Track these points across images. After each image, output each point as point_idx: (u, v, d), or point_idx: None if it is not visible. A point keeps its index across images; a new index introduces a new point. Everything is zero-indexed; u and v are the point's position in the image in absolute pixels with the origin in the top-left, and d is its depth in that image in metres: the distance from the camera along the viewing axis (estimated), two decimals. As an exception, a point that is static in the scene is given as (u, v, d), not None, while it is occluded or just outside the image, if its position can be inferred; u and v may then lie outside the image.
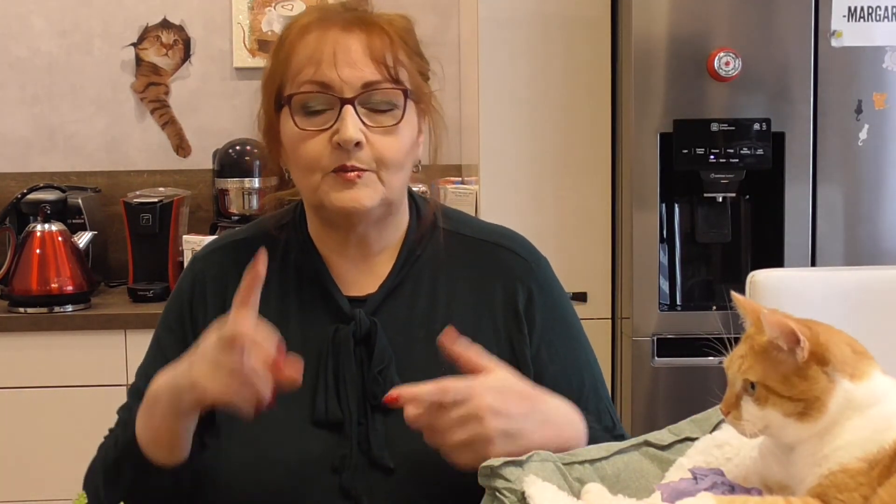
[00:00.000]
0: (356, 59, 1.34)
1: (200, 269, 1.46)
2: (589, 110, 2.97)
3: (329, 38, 1.35)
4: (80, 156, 3.54)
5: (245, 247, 1.43)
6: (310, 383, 1.34)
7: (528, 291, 1.43)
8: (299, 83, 1.35)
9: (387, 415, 1.34)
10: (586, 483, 1.14)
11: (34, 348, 2.93)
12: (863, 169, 2.79)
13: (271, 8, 3.52)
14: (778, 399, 1.01)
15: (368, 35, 1.35)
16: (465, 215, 1.54)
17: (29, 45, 3.52)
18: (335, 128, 1.33)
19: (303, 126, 1.35)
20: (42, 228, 3.02)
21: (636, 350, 2.80)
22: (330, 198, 1.35)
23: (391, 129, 1.36)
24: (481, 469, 1.14)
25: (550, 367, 1.42)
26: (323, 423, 1.34)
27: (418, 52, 1.42)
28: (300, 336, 1.38)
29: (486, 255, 1.46)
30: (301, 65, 1.35)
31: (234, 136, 3.39)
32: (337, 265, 1.43)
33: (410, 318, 1.41)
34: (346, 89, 1.33)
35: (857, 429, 1.00)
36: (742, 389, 1.03)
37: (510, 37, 2.95)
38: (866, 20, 2.75)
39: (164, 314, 1.48)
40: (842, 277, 1.83)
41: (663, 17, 2.76)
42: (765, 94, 2.76)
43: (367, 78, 1.34)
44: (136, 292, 3.10)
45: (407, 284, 1.42)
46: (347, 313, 1.39)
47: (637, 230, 2.80)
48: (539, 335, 1.42)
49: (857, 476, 0.98)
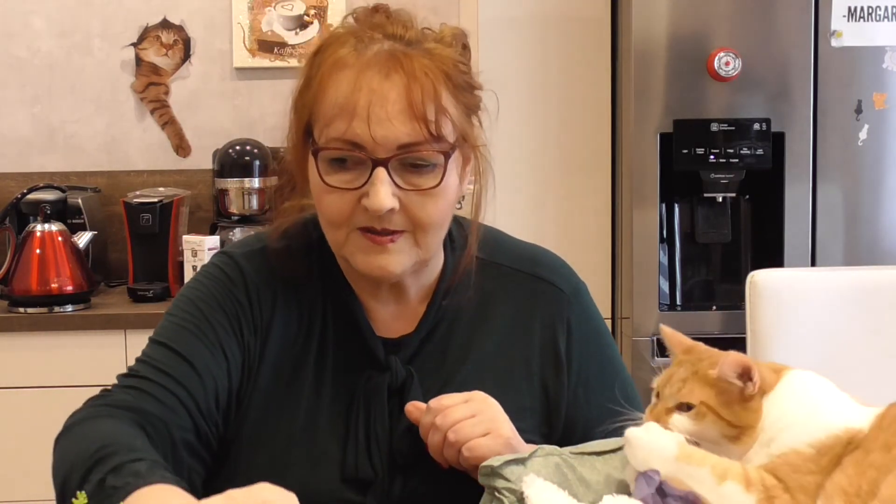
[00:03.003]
0: (392, 114, 1.19)
1: (249, 268, 1.33)
2: (589, 110, 2.97)
3: (364, 84, 1.19)
4: (80, 156, 3.53)
5: (283, 256, 1.33)
6: (340, 433, 1.28)
7: (568, 328, 1.37)
8: (329, 137, 1.21)
9: (407, 476, 1.29)
10: (591, 483, 1.14)
11: (34, 348, 2.93)
12: (863, 169, 2.79)
13: (271, 8, 3.52)
14: (716, 419, 1.06)
15: (408, 81, 1.20)
16: (500, 236, 1.44)
17: (29, 45, 3.52)
18: (364, 190, 1.21)
19: (330, 182, 1.22)
20: (42, 228, 3.02)
21: (636, 350, 2.80)
22: (356, 259, 1.25)
23: (429, 192, 1.23)
24: (481, 468, 1.14)
25: (587, 410, 1.37)
26: (352, 480, 1.27)
27: (466, 83, 1.27)
28: (332, 376, 1.31)
29: (523, 289, 1.37)
30: (332, 112, 1.21)
31: (233, 136, 3.39)
32: (368, 304, 1.34)
33: (442, 366, 1.33)
34: (380, 150, 1.19)
35: (796, 414, 1.06)
36: (675, 407, 1.08)
37: (510, 37, 2.95)
38: (866, 20, 2.75)
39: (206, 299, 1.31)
40: (842, 277, 1.84)
41: (663, 17, 2.76)
42: (765, 94, 2.76)
43: (403, 139, 1.20)
44: (136, 292, 3.10)
45: (443, 325, 1.34)
46: (382, 361, 1.31)
47: (637, 230, 2.80)
48: (576, 377, 1.37)
49: (807, 462, 1.01)
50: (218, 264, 1.35)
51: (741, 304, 1.82)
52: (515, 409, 1.29)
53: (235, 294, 1.31)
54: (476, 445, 1.21)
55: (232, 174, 3.25)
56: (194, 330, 1.28)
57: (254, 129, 3.46)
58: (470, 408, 1.23)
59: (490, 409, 1.24)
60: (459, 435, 1.21)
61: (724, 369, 1.07)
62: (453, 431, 1.21)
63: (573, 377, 1.36)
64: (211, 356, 1.27)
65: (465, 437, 1.21)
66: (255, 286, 1.31)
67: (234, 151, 3.27)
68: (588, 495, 1.14)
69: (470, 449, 1.21)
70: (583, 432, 1.35)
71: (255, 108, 3.51)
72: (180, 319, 1.30)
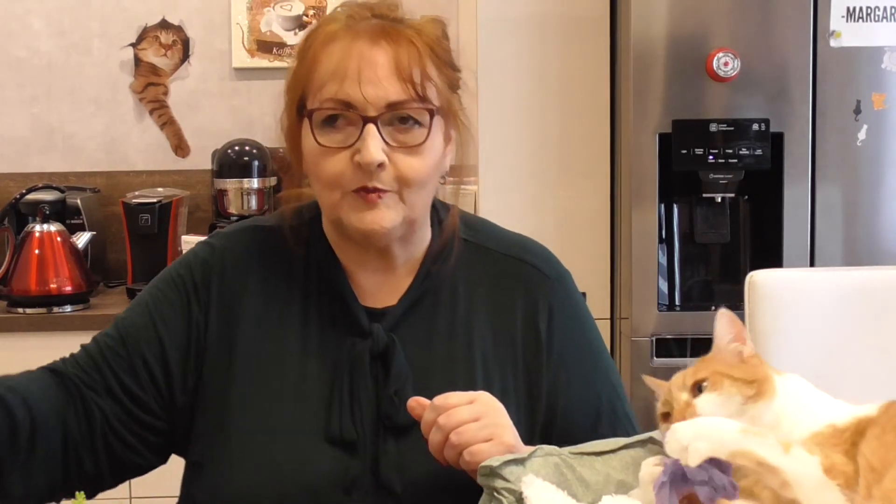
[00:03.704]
0: (381, 76, 1.29)
1: (221, 246, 1.42)
2: (588, 110, 2.97)
3: (354, 51, 1.29)
4: (79, 156, 3.53)
5: (271, 234, 1.41)
6: (325, 397, 1.33)
7: (550, 311, 1.41)
8: (321, 99, 1.31)
9: (399, 437, 1.32)
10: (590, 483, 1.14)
11: (33, 349, 2.93)
12: (862, 169, 2.79)
13: (270, 8, 3.52)
14: (732, 381, 1.09)
15: (395, 49, 1.30)
16: (488, 224, 1.50)
17: (28, 45, 3.52)
18: (356, 147, 1.29)
19: (323, 143, 1.31)
20: (41, 229, 3.02)
21: (635, 350, 2.80)
22: (350, 218, 1.32)
23: (415, 149, 1.31)
24: (481, 468, 1.14)
25: (568, 394, 1.40)
26: (336, 441, 1.32)
27: (448, 61, 1.37)
28: (319, 345, 1.36)
29: (508, 271, 1.42)
30: (324, 78, 1.30)
31: (232, 136, 3.39)
32: (357, 276, 1.40)
33: (430, 336, 1.38)
34: (370, 108, 1.29)
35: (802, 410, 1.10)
36: (691, 396, 1.10)
37: (509, 37, 2.95)
38: (865, 20, 2.75)
39: (164, 278, 1.43)
40: (841, 277, 1.83)
41: (662, 17, 2.76)
42: (764, 95, 2.76)
43: (391, 97, 1.29)
44: (135, 293, 3.10)
45: (427, 299, 1.39)
46: (365, 328, 1.36)
47: (636, 230, 2.79)
48: (557, 360, 1.40)
49: (830, 438, 1.04)
50: (194, 248, 1.46)
51: (740, 305, 1.82)
52: (501, 386, 1.35)
53: (193, 274, 1.40)
54: (478, 451, 1.21)
55: (231, 174, 3.25)
56: (141, 306, 1.41)
57: (253, 130, 3.46)
58: (475, 410, 1.23)
59: (495, 413, 1.24)
60: (462, 438, 1.21)
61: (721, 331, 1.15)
62: (456, 433, 1.22)
63: (554, 359, 1.39)
64: (147, 331, 1.38)
65: (467, 441, 1.22)
66: (222, 266, 1.39)
67: (232, 152, 3.27)
68: (587, 495, 1.14)
69: (472, 454, 1.21)
70: (563, 414, 1.38)
71: (254, 108, 3.51)
72: (138, 297, 1.45)
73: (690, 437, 1.02)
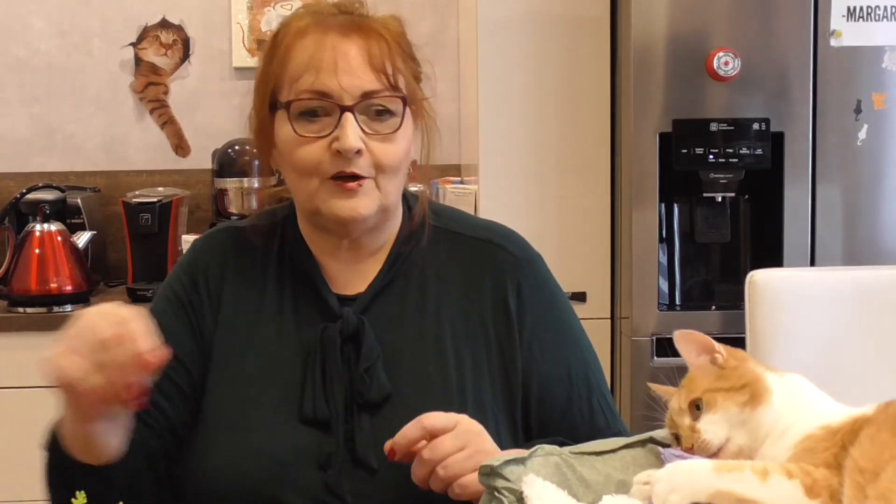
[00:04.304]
0: (355, 66, 1.34)
1: (201, 247, 1.49)
2: (588, 110, 2.97)
3: (327, 43, 1.34)
4: (80, 156, 3.53)
5: (244, 232, 1.47)
6: (298, 380, 1.37)
7: (519, 289, 1.44)
8: (298, 90, 1.35)
9: (373, 414, 1.36)
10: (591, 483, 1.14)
11: (33, 348, 2.91)
12: (862, 169, 2.79)
13: (270, 8, 3.52)
14: (725, 394, 1.09)
15: (366, 41, 1.35)
16: (456, 212, 1.54)
17: (28, 45, 3.52)
18: (335, 135, 1.34)
19: (301, 132, 1.35)
20: (41, 228, 3.02)
21: (635, 350, 2.80)
22: (328, 205, 1.37)
23: (390, 137, 1.36)
24: (481, 468, 1.14)
25: (542, 365, 1.43)
26: (310, 421, 1.36)
27: (412, 55, 1.42)
28: (293, 331, 1.41)
29: (476, 253, 1.46)
30: (299, 70, 1.35)
31: (233, 135, 3.39)
32: (328, 265, 1.45)
33: (400, 317, 1.42)
34: (346, 97, 1.34)
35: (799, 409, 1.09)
36: (692, 419, 1.10)
37: (509, 36, 2.95)
38: (865, 20, 2.75)
39: (161, 290, 1.49)
40: (841, 277, 1.84)
41: (662, 16, 2.76)
42: (764, 94, 2.76)
43: (366, 87, 1.34)
44: (136, 292, 3.10)
45: (397, 283, 1.44)
46: (336, 312, 1.40)
47: (636, 230, 2.80)
48: (530, 334, 1.43)
49: (822, 441, 1.04)
50: (183, 254, 1.53)
51: (740, 304, 1.82)
52: (473, 362, 1.40)
53: (184, 277, 1.46)
54: (469, 482, 1.23)
55: (231, 174, 3.25)
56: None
57: (245, 129, 3.46)
58: (459, 439, 1.24)
59: (477, 438, 1.26)
60: (450, 471, 1.23)
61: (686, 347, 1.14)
62: (443, 467, 1.23)
63: (526, 335, 1.42)
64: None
65: (456, 473, 1.23)
66: (205, 264, 1.45)
67: (233, 151, 3.27)
68: (588, 495, 1.14)
69: (462, 486, 1.23)
70: (539, 388, 1.42)
71: (255, 107, 3.51)
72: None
73: (666, 490, 1.02)
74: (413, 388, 1.38)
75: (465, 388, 1.39)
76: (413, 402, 1.35)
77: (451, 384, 1.38)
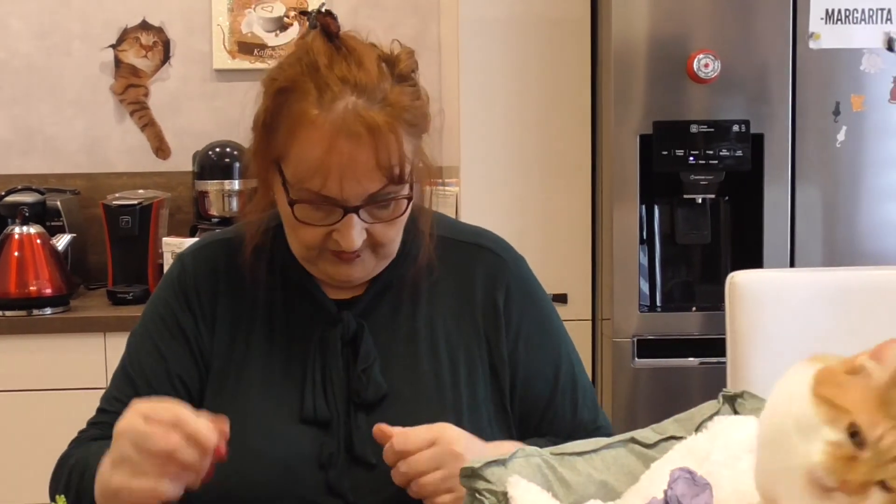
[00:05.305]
0: (362, 173, 1.29)
1: (190, 264, 1.47)
2: (569, 112, 2.98)
3: (335, 148, 1.28)
4: (59, 158, 3.52)
5: (234, 246, 1.46)
6: (298, 382, 1.39)
7: (507, 288, 1.47)
8: (302, 188, 1.31)
9: (369, 413, 1.38)
10: (571, 484, 1.15)
11: (13, 352, 2.92)
12: (841, 170, 2.81)
13: (251, 10, 3.52)
14: None
15: (375, 141, 1.28)
16: (445, 217, 1.56)
17: (7, 46, 3.50)
18: (336, 227, 1.33)
19: (303, 219, 1.34)
20: (20, 231, 3.00)
21: (616, 351, 2.81)
22: (322, 267, 1.39)
23: (392, 221, 1.36)
24: (462, 470, 1.14)
25: (527, 362, 1.46)
26: (311, 421, 1.37)
27: (420, 115, 1.35)
28: (287, 337, 1.42)
29: (465, 256, 1.49)
30: (305, 168, 1.30)
31: (214, 137, 3.38)
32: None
33: (394, 318, 1.44)
34: (352, 199, 1.31)
35: None
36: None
37: (490, 38, 2.96)
38: (844, 22, 2.77)
39: (152, 307, 1.48)
40: (820, 278, 1.84)
41: (643, 19, 2.77)
42: (744, 96, 2.77)
43: (372, 189, 1.31)
44: (116, 295, 3.09)
45: (392, 289, 1.45)
46: (334, 316, 1.42)
47: (617, 231, 2.80)
48: (516, 331, 1.46)
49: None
50: (170, 268, 1.50)
51: (721, 305, 1.83)
52: (466, 357, 1.43)
53: (175, 295, 1.45)
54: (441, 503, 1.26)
55: (212, 176, 3.24)
56: (149, 348, 1.44)
57: (234, 131, 3.44)
58: (435, 458, 1.26)
59: (455, 462, 1.26)
60: (424, 491, 1.26)
61: None
62: (417, 485, 1.26)
63: (511, 331, 1.46)
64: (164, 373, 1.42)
65: (430, 494, 1.26)
66: (196, 283, 1.45)
67: (213, 153, 3.27)
68: (569, 496, 1.14)
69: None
70: (523, 384, 1.45)
71: (235, 109, 3.47)
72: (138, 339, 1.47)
73: None
74: (408, 386, 1.40)
75: (459, 384, 1.42)
76: (408, 400, 1.39)
77: (445, 381, 1.41)
